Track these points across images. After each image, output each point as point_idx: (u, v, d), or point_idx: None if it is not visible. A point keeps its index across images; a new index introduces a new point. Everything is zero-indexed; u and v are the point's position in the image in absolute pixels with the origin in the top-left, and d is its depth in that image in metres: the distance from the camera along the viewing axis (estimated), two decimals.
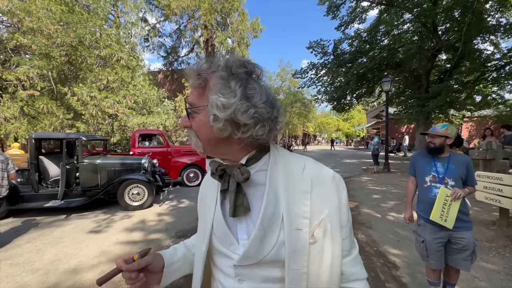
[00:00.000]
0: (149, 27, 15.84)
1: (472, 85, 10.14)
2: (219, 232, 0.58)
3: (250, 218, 0.55)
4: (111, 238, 3.46)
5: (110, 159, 5.22)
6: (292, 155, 0.61)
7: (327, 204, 0.55)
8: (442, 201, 1.80)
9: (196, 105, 0.55)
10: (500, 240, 3.24)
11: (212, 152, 0.58)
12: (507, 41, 11.04)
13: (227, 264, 0.57)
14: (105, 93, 9.67)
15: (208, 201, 0.63)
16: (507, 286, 2.34)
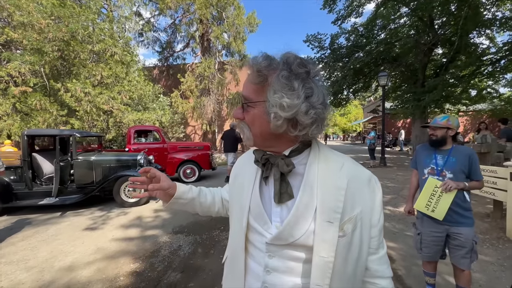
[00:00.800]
0: (143, 22, 15.54)
1: (467, 79, 10.19)
2: (255, 211, 0.64)
3: (285, 204, 0.60)
4: (107, 235, 3.43)
5: (105, 155, 5.17)
6: (333, 153, 0.65)
7: (360, 203, 0.59)
8: (430, 191, 1.79)
9: (254, 100, 0.58)
10: (494, 232, 3.29)
11: (261, 144, 0.63)
12: (502, 35, 11.12)
13: (259, 240, 0.63)
14: (99, 89, 9.52)
15: (246, 182, 0.69)
16: (500, 276, 2.38)
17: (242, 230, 0.66)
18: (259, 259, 0.63)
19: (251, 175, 0.69)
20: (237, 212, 0.71)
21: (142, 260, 2.75)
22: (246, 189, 0.68)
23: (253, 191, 0.66)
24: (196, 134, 19.07)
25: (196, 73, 14.01)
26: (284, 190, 0.60)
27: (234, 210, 0.73)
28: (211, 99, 14.62)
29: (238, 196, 0.71)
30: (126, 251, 2.97)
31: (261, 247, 0.63)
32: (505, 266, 2.54)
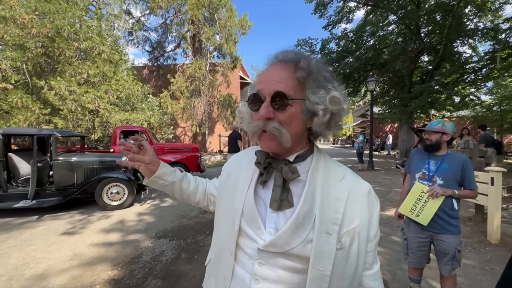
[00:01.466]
0: (133, 20, 15.26)
1: (451, 86, 10.54)
2: (248, 215, 0.60)
3: (283, 211, 0.57)
4: (86, 240, 3.28)
5: (88, 156, 4.97)
6: (334, 162, 0.64)
7: (359, 215, 0.57)
8: (416, 196, 1.78)
9: (293, 97, 0.54)
10: (476, 236, 3.36)
11: (291, 147, 0.58)
12: (484, 45, 11.55)
13: (250, 246, 0.59)
14: (85, 88, 9.23)
15: (241, 183, 0.65)
16: (481, 280, 2.41)
17: (234, 233, 0.61)
18: (248, 266, 0.58)
19: (247, 176, 0.65)
20: (227, 213, 0.66)
21: (121, 266, 2.63)
22: (241, 191, 0.64)
23: (248, 193, 0.62)
24: (186, 136, 18.83)
25: (187, 73, 13.85)
26: (284, 197, 0.57)
27: (224, 210, 0.69)
28: (202, 101, 14.47)
29: (230, 196, 0.67)
30: (104, 257, 2.83)
31: (251, 253, 0.58)
32: (486, 270, 2.58)
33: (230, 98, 14.82)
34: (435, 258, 1.91)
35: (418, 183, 1.79)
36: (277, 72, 0.56)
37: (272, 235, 0.56)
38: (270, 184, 0.61)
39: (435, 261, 1.97)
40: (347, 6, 12.77)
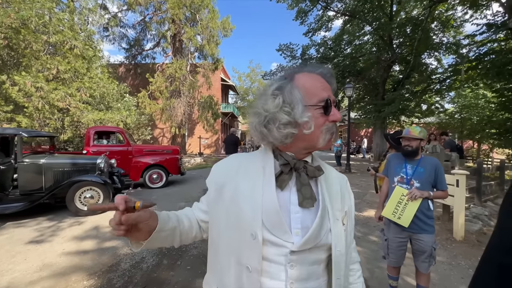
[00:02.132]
0: (109, 16, 14.55)
1: (420, 95, 11.37)
2: (271, 221, 0.59)
3: (307, 210, 0.61)
4: (56, 249, 3.04)
5: (58, 158, 4.63)
6: (322, 161, 0.73)
7: (347, 200, 0.70)
8: (397, 200, 1.90)
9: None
10: (443, 234, 3.64)
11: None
12: (447, 57, 12.64)
13: (277, 253, 0.59)
14: (54, 84, 8.62)
15: (246, 191, 0.62)
16: (449, 274, 2.62)
17: (256, 247, 0.58)
18: (278, 274, 0.58)
19: (253, 182, 0.62)
20: (235, 229, 0.61)
21: (98, 276, 2.48)
22: (252, 199, 0.60)
23: (265, 199, 0.60)
24: (164, 137, 18.26)
25: (167, 73, 13.48)
26: (309, 195, 0.62)
27: (229, 227, 0.62)
28: (182, 102, 14.16)
29: (234, 210, 0.62)
30: (79, 266, 2.65)
31: (279, 260, 0.58)
32: (453, 265, 2.81)
33: (211, 100, 14.67)
34: (409, 256, 2.05)
35: (398, 187, 1.91)
36: (323, 82, 0.65)
37: (299, 235, 0.59)
38: (291, 184, 0.63)
39: (409, 259, 2.12)
40: (326, 15, 13.31)
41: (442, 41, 11.53)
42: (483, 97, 14.63)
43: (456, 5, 10.24)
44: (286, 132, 0.60)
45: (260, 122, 0.63)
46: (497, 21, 7.84)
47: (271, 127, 0.61)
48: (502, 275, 0.51)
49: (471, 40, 9.10)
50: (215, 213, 0.68)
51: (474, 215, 4.11)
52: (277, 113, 0.60)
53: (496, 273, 0.52)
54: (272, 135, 0.62)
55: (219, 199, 0.66)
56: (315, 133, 0.61)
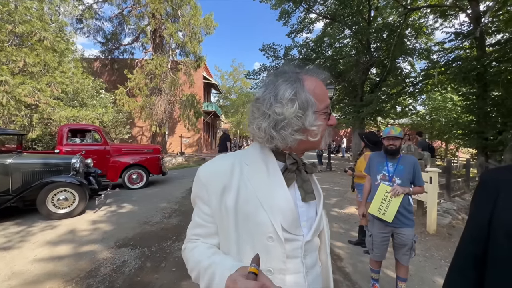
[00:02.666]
0: (83, 7, 13.71)
1: (395, 97, 11.99)
2: (288, 220, 0.59)
3: (308, 203, 0.65)
4: (27, 255, 2.82)
5: (27, 158, 4.30)
6: None
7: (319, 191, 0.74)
8: (381, 196, 2.00)
9: None
10: (418, 228, 3.87)
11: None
12: (420, 62, 13.46)
13: (293, 247, 0.60)
14: (21, 78, 7.96)
15: (259, 193, 0.60)
16: (424, 265, 2.80)
17: (281, 248, 0.57)
18: (297, 267, 0.61)
19: (261, 182, 0.60)
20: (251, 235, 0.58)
21: (75, 282, 2.34)
22: (265, 201, 0.58)
23: (276, 199, 0.59)
24: (144, 136, 17.63)
25: (146, 70, 13.00)
26: (311, 190, 0.66)
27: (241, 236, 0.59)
28: (162, 99, 13.73)
29: (246, 214, 0.59)
30: (54, 273, 2.48)
31: (297, 253, 0.61)
32: (427, 256, 3.00)
33: (193, 98, 14.39)
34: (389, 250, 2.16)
35: (383, 184, 2.01)
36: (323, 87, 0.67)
37: (305, 227, 0.63)
38: (294, 182, 0.66)
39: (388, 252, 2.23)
40: (309, 17, 13.59)
41: (415, 47, 12.25)
42: (451, 100, 15.79)
43: (428, 14, 10.94)
44: (296, 137, 0.61)
45: (270, 125, 0.60)
46: (463, 30, 8.49)
47: (284, 132, 0.60)
48: (475, 264, 0.56)
49: (440, 47, 9.77)
50: (221, 224, 0.62)
51: (444, 210, 4.43)
52: (292, 118, 0.59)
53: (470, 263, 0.58)
54: (282, 139, 0.61)
55: (222, 207, 0.61)
56: (319, 137, 0.64)
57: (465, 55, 9.15)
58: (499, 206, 0.53)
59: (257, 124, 0.63)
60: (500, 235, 0.52)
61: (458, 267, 0.62)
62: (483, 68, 7.40)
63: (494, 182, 0.56)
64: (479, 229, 0.57)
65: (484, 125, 7.74)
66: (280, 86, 0.61)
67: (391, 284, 2.36)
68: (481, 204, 0.58)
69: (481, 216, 0.57)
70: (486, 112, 7.72)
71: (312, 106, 0.60)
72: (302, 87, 0.61)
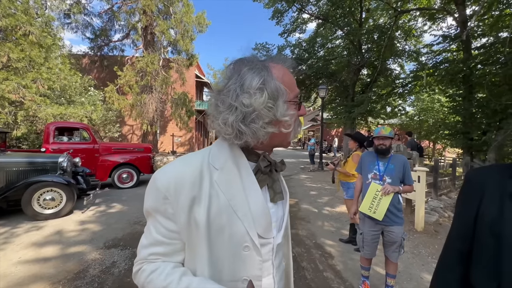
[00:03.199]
0: (71, 1, 13.31)
1: (385, 97, 12.21)
2: (263, 225, 0.57)
3: (277, 203, 0.64)
4: (11, 257, 2.72)
5: (11, 157, 4.15)
6: None
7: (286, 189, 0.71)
8: (372, 195, 2.04)
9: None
10: (406, 225, 3.97)
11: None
12: (409, 64, 13.75)
13: (265, 251, 0.59)
14: (4, 74, 7.67)
15: (233, 201, 0.54)
16: (413, 262, 2.87)
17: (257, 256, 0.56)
18: (269, 270, 0.60)
19: (233, 189, 0.55)
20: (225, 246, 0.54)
21: (63, 284, 2.27)
22: (240, 209, 0.54)
23: (253, 205, 0.55)
24: (134, 135, 17.33)
25: (137, 67, 12.74)
26: (280, 190, 0.65)
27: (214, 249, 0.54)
28: (154, 97, 13.52)
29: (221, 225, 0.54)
30: (40, 275, 2.41)
31: (268, 256, 0.59)
32: (415, 253, 3.08)
33: (186, 97, 14.22)
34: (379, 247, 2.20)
35: (374, 183, 2.04)
36: (292, 76, 0.62)
37: (275, 228, 0.62)
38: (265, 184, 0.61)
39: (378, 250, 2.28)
40: (301, 17, 13.66)
41: (404, 48, 12.50)
42: (438, 101, 16.23)
43: (417, 17, 11.18)
44: (268, 130, 0.55)
45: (238, 119, 0.53)
46: (451, 33, 8.73)
47: (254, 126, 0.54)
48: (461, 260, 0.59)
49: (429, 49, 10.02)
50: (189, 240, 0.55)
51: (431, 208, 4.55)
52: (262, 110, 0.53)
53: (457, 259, 0.60)
54: (253, 133, 0.54)
55: (191, 222, 0.54)
56: (291, 129, 0.59)
57: (452, 57, 9.41)
58: (484, 205, 0.55)
59: (222, 118, 0.55)
60: (484, 232, 0.54)
61: (445, 263, 0.63)
62: (469, 71, 7.63)
63: (479, 181, 0.58)
64: (465, 227, 0.59)
65: (469, 125, 7.98)
66: (246, 75, 0.54)
67: (381, 281, 2.40)
68: (466, 203, 0.60)
69: (467, 214, 0.58)
70: (472, 113, 7.96)
71: (282, 95, 0.55)
72: (270, 75, 0.55)
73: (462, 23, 7.84)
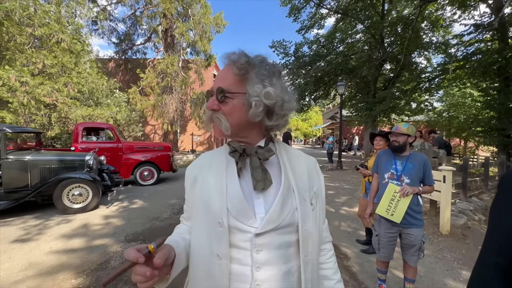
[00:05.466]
0: (98, 9, 14.10)
1: (410, 93, 11.55)
2: (236, 208, 0.61)
3: (267, 193, 0.63)
4: (43, 247, 2.97)
5: (45, 155, 4.50)
6: (288, 146, 0.76)
7: (316, 181, 0.72)
8: (390, 197, 1.93)
9: (233, 91, 0.62)
10: (430, 228, 3.74)
11: (236, 134, 0.66)
12: (436, 57, 12.90)
13: (243, 239, 0.60)
14: (40, 79, 8.34)
15: (212, 182, 0.65)
16: (435, 267, 2.70)
17: (223, 235, 0.59)
18: (245, 259, 0.60)
19: (218, 174, 0.65)
20: (205, 220, 0.63)
21: (86, 274, 2.43)
22: (217, 189, 0.63)
23: (230, 188, 0.62)
24: (156, 134, 18.01)
25: (158, 69, 13.23)
26: (265, 177, 0.63)
27: (200, 219, 0.65)
28: (174, 98, 13.96)
29: (203, 201, 0.64)
30: (67, 265, 2.60)
31: (245, 245, 0.60)
32: (439, 258, 2.89)
33: (204, 97, 14.51)
34: (397, 250, 2.10)
35: (391, 184, 1.93)
36: (222, 71, 0.66)
37: (263, 219, 0.60)
38: (245, 172, 0.65)
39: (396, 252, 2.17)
40: (319, 13, 13.33)
41: (431, 40, 11.72)
42: (470, 96, 15.02)
43: (445, 5, 10.42)
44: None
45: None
46: (484, 21, 8.04)
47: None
48: (502, 276, 0.51)
49: (459, 40, 9.30)
50: (192, 208, 0.71)
51: (459, 210, 4.24)
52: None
53: (496, 275, 0.52)
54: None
55: (192, 192, 0.69)
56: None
57: (485, 48, 8.66)
58: None
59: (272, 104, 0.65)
60: None
61: (481, 279, 0.56)
62: (505, 62, 6.99)
63: None
64: (505, 237, 0.52)
65: (505, 121, 7.32)
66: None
67: (399, 285, 2.29)
68: (505, 209, 0.53)
69: (506, 222, 0.52)
70: (508, 108, 7.28)
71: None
72: None
73: (497, 10, 7.19)
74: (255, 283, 0.59)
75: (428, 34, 11.72)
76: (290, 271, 0.62)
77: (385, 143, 2.73)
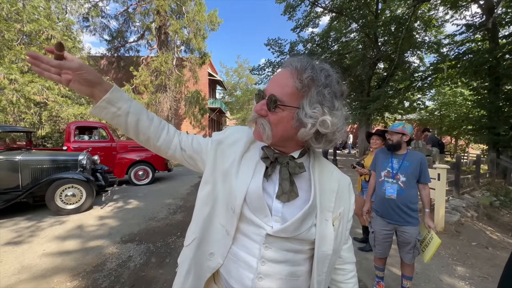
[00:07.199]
0: (89, 5, 13.82)
1: (403, 92, 11.72)
2: (255, 204, 0.62)
3: (291, 202, 0.62)
4: (36, 250, 2.89)
5: (36, 155, 4.38)
6: (324, 159, 0.73)
7: (344, 202, 0.69)
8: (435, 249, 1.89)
9: (286, 104, 0.58)
10: None
11: (276, 143, 0.64)
12: (429, 56, 13.09)
13: (256, 232, 0.62)
14: (30, 77, 8.12)
15: (241, 170, 0.66)
16: (431, 263, 2.74)
17: (233, 217, 0.64)
18: (253, 251, 0.63)
19: (249, 166, 0.67)
20: (221, 193, 0.67)
21: (82, 276, 2.38)
22: (242, 178, 0.65)
23: (253, 184, 0.64)
24: None
25: (152, 67, 13.07)
26: (291, 189, 0.62)
27: (218, 188, 0.68)
28: (168, 96, 13.82)
29: (225, 176, 0.67)
30: (61, 267, 2.54)
31: (257, 239, 0.62)
32: (434, 254, 2.94)
33: (199, 95, 14.42)
34: (395, 247, 2.12)
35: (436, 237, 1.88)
36: (281, 76, 0.60)
37: (278, 222, 0.61)
38: (275, 177, 0.65)
39: (394, 250, 2.19)
40: (314, 11, 13.35)
41: (424, 40, 11.90)
42: (461, 95, 15.36)
43: (438, 6, 10.58)
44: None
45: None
46: (475, 22, 8.20)
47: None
48: None
49: (451, 39, 9.47)
50: (214, 164, 0.70)
51: (453, 207, 4.33)
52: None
53: None
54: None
55: (222, 154, 0.70)
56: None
57: (476, 47, 8.84)
58: None
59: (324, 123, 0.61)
60: None
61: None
62: (495, 61, 7.15)
63: None
64: None
65: (495, 120, 7.49)
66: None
67: (397, 282, 2.32)
68: None
69: None
70: (498, 107, 7.47)
71: None
72: None
73: (488, 10, 7.34)
74: (258, 275, 0.61)
75: (421, 33, 11.88)
76: (296, 274, 0.64)
77: (381, 142, 2.76)
